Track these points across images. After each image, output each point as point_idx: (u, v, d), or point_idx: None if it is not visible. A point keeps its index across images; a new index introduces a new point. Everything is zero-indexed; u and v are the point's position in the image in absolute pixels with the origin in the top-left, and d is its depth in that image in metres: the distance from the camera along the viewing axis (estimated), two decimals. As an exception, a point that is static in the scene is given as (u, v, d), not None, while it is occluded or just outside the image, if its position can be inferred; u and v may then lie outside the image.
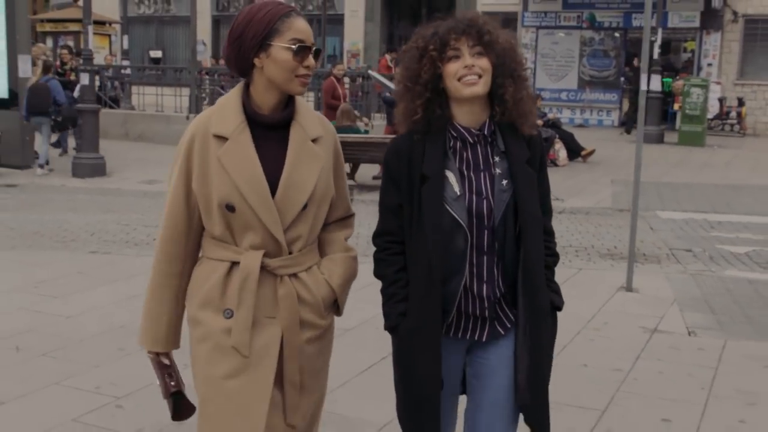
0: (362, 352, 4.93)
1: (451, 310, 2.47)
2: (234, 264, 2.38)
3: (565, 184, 12.77)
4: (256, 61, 2.33)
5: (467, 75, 2.38)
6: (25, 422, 3.99)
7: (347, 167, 10.00)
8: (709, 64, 21.07)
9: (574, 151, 15.44)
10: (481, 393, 2.55)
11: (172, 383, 2.53)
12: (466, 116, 2.45)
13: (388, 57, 21.52)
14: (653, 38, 18.92)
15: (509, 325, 2.50)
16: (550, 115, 16.58)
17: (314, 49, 2.36)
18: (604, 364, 4.95)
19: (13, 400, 4.23)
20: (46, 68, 13.02)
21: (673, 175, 13.97)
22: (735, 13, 20.87)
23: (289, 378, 2.43)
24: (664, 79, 20.75)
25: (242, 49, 2.33)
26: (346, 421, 4.04)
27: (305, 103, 2.47)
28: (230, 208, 2.34)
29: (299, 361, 2.43)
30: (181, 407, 2.57)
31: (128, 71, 22.12)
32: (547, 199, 2.61)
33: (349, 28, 25.75)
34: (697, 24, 20.97)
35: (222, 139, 2.34)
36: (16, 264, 7.15)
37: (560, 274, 7.10)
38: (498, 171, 2.44)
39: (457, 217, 2.41)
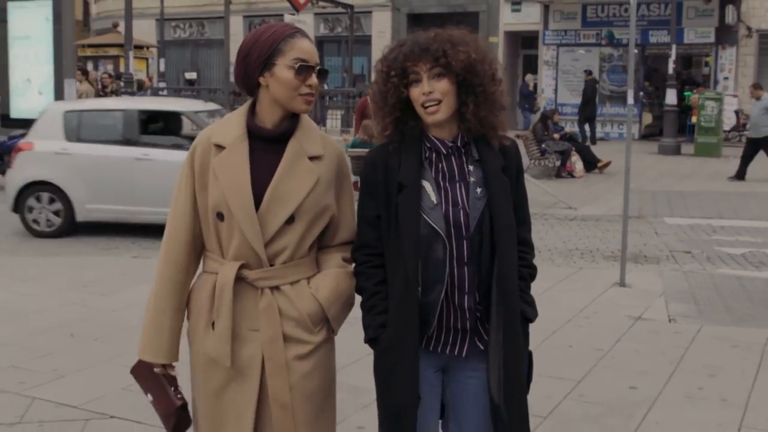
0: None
1: (431, 321, 2.46)
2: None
3: (580, 193, 13.36)
4: (261, 80, 2.39)
5: (427, 102, 2.39)
6: (83, 391, 4.69)
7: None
8: (726, 78, 21.56)
9: (591, 162, 16.01)
10: (464, 414, 2.56)
11: (179, 396, 2.49)
12: (438, 130, 2.47)
13: None
14: (669, 54, 19.54)
15: (487, 338, 2.49)
16: (567, 130, 17.16)
17: (318, 68, 2.41)
18: (587, 344, 5.56)
19: (72, 373, 4.96)
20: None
21: (685, 184, 14.49)
22: (749, 29, 21.36)
23: (277, 398, 2.39)
24: (686, 93, 21.28)
25: (248, 69, 2.40)
26: (354, 389, 4.69)
27: (310, 122, 2.52)
28: (220, 216, 2.38)
29: (289, 380, 2.39)
30: (182, 422, 2.52)
31: (165, 92, 23.12)
32: (524, 208, 2.59)
33: (375, 48, 26.53)
34: (712, 39, 21.48)
35: (220, 148, 2.40)
36: (68, 267, 7.93)
37: (562, 272, 7.81)
38: (473, 179, 2.44)
39: (434, 225, 2.40)
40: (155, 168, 9.11)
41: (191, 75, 28.37)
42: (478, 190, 2.42)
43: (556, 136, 15.93)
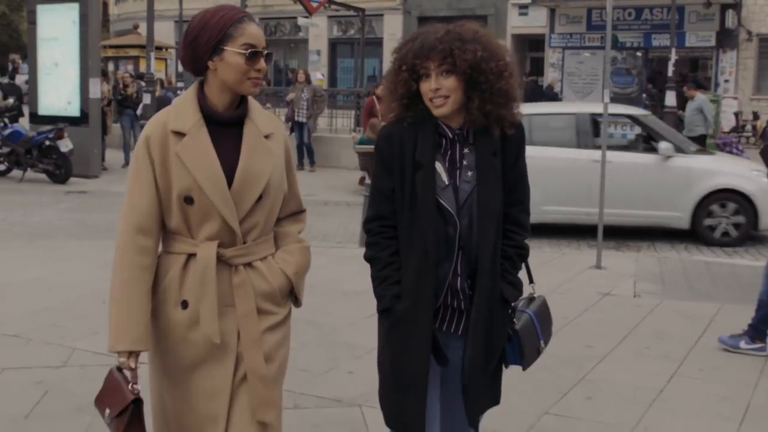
0: (370, 305, 6.35)
1: (439, 296, 2.55)
2: (190, 256, 2.44)
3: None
4: (210, 63, 2.41)
5: (434, 98, 2.49)
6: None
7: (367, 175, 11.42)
8: (726, 81, 22.18)
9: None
10: (455, 386, 2.64)
11: (137, 389, 2.40)
12: (446, 118, 2.56)
13: None
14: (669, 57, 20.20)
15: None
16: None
17: (266, 53, 2.45)
18: (555, 314, 6.11)
19: (105, 331, 5.73)
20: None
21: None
22: (749, 33, 21.98)
23: (255, 369, 2.45)
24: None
25: (197, 52, 2.41)
26: (349, 345, 5.45)
27: (256, 103, 2.58)
28: (189, 200, 2.40)
29: (263, 350, 2.46)
30: (135, 418, 2.39)
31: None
32: (521, 190, 2.64)
33: (387, 50, 27.30)
34: (713, 43, 22.12)
35: (180, 135, 2.40)
36: (97, 250, 8.72)
37: (545, 256, 8.60)
38: (465, 162, 2.54)
39: (446, 205, 2.50)
40: (612, 170, 8.75)
41: (208, 75, 29.18)
42: (469, 173, 2.53)
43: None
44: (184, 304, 2.43)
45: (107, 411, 2.42)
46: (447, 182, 2.52)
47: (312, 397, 4.51)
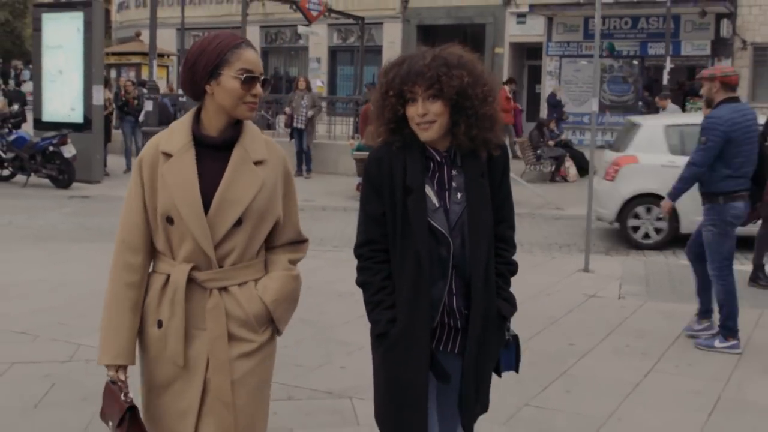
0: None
1: (435, 317, 2.58)
2: (169, 276, 2.49)
3: (570, 196, 14.28)
4: (207, 87, 2.46)
5: (421, 122, 2.52)
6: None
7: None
8: (721, 89, 22.41)
9: (585, 168, 16.95)
10: (450, 400, 2.69)
11: (130, 397, 2.49)
12: (432, 142, 2.59)
13: (507, 88, 20.85)
14: (664, 65, 20.49)
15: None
16: (563, 137, 18.12)
17: (262, 78, 2.50)
18: (542, 314, 6.54)
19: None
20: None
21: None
22: (744, 42, 22.25)
23: (219, 395, 2.47)
24: (690, 103, 22.16)
25: (195, 77, 2.46)
26: (342, 342, 5.70)
27: (254, 127, 2.60)
28: (170, 220, 2.46)
29: (231, 376, 2.46)
30: (133, 423, 2.49)
31: (184, 99, 24.25)
32: (507, 207, 2.70)
33: (386, 58, 27.40)
34: (708, 52, 22.37)
35: (168, 156, 2.47)
36: (98, 252, 8.95)
37: (536, 260, 8.89)
38: (454, 184, 2.58)
39: (439, 227, 2.54)
40: None
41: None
42: (459, 195, 2.57)
43: (551, 142, 16.91)
44: (159, 324, 2.49)
45: (110, 423, 2.52)
46: (437, 204, 2.56)
47: (305, 389, 4.76)
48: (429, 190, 2.56)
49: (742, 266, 8.10)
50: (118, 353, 2.48)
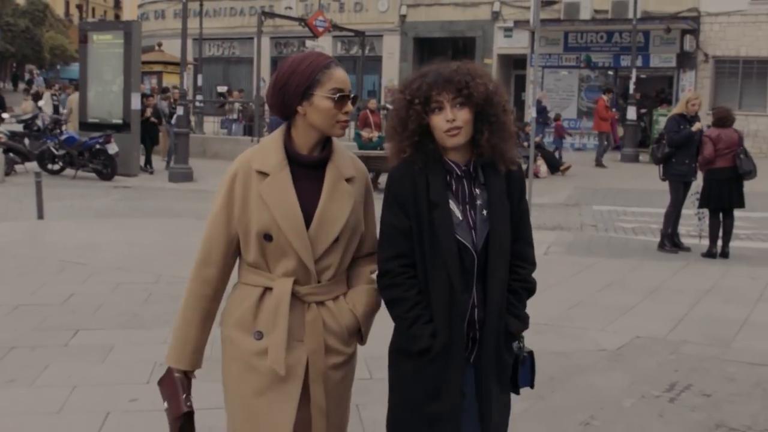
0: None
1: (464, 328, 2.58)
2: (267, 289, 2.52)
3: (538, 189, 16.58)
4: (299, 108, 2.48)
5: (449, 128, 2.51)
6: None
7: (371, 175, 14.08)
8: (684, 97, 24.98)
9: (554, 166, 19.46)
10: (472, 413, 2.65)
11: (189, 403, 2.56)
12: (453, 154, 2.58)
13: (605, 98, 21.92)
14: (631, 76, 23.03)
15: None
16: (536, 139, 20.56)
17: (352, 96, 2.52)
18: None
19: (173, 269, 8.49)
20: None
21: (626, 183, 17.85)
22: (706, 55, 24.89)
23: (316, 402, 2.54)
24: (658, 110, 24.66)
25: (286, 98, 2.48)
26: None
27: (341, 145, 2.61)
28: (268, 237, 2.48)
29: (325, 386, 2.54)
30: (187, 428, 2.57)
31: (202, 104, 26.76)
32: (525, 225, 2.69)
33: (386, 67, 30.09)
34: (674, 64, 24.99)
35: (263, 174, 2.48)
36: (151, 224, 11.52)
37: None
38: (479, 202, 2.58)
39: (464, 241, 2.54)
40: None
41: (222, 88, 31.65)
42: (484, 212, 2.57)
43: (526, 144, 19.38)
44: (258, 335, 2.52)
45: (165, 404, 2.63)
46: (461, 218, 2.57)
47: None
48: (453, 205, 2.58)
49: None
50: (180, 358, 2.60)
